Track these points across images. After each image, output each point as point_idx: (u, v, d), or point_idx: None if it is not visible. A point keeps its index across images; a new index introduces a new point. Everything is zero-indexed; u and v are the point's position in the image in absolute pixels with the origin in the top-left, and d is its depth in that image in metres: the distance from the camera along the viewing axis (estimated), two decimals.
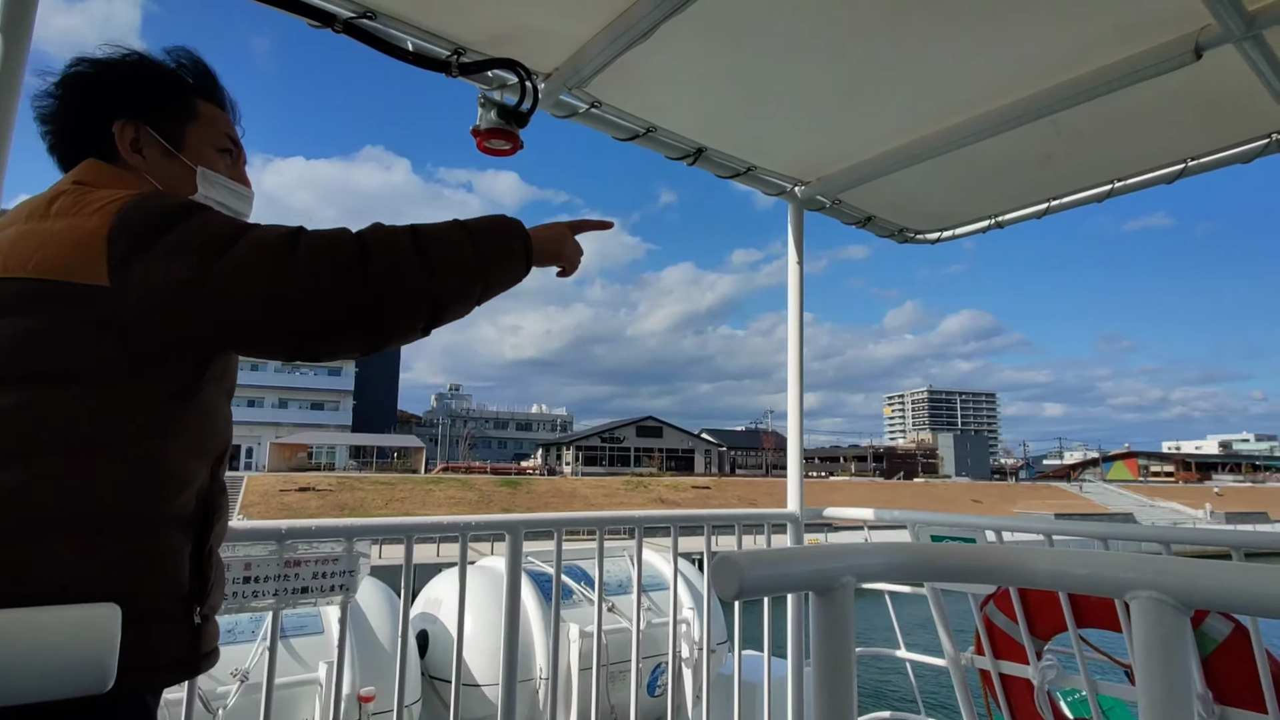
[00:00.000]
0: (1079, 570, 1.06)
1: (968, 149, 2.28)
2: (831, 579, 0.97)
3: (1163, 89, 1.94)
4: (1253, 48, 1.67)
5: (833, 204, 2.66)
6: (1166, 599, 0.91)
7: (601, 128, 2.11)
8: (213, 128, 1.19)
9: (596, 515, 1.97)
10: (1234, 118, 2.10)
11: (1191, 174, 2.34)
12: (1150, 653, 0.90)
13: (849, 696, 0.97)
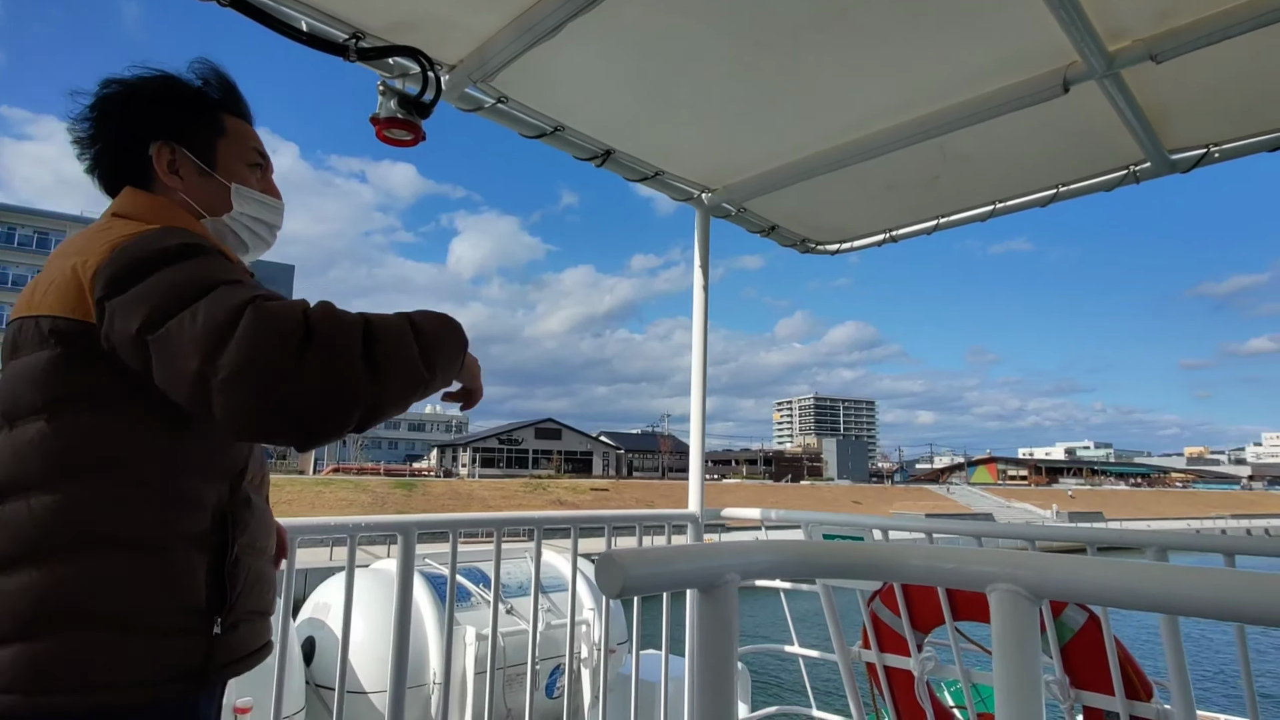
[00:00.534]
0: (946, 565, 1.12)
1: (864, 165, 2.38)
2: (715, 576, 0.98)
3: (1037, 119, 2.09)
4: (1112, 85, 1.83)
5: (738, 212, 2.72)
6: (1021, 590, 0.97)
7: (508, 124, 2.09)
8: (241, 143, 1.22)
9: (494, 516, 1.94)
10: (1098, 149, 2.28)
11: (1063, 199, 2.54)
12: (1005, 640, 0.96)
13: (730, 693, 0.99)
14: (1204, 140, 2.21)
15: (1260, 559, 1.73)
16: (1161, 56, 1.67)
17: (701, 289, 2.67)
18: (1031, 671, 0.95)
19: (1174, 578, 0.92)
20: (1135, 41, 1.69)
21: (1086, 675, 2.04)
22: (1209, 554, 1.80)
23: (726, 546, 1.06)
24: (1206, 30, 1.60)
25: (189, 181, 1.16)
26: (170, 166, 1.14)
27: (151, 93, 1.16)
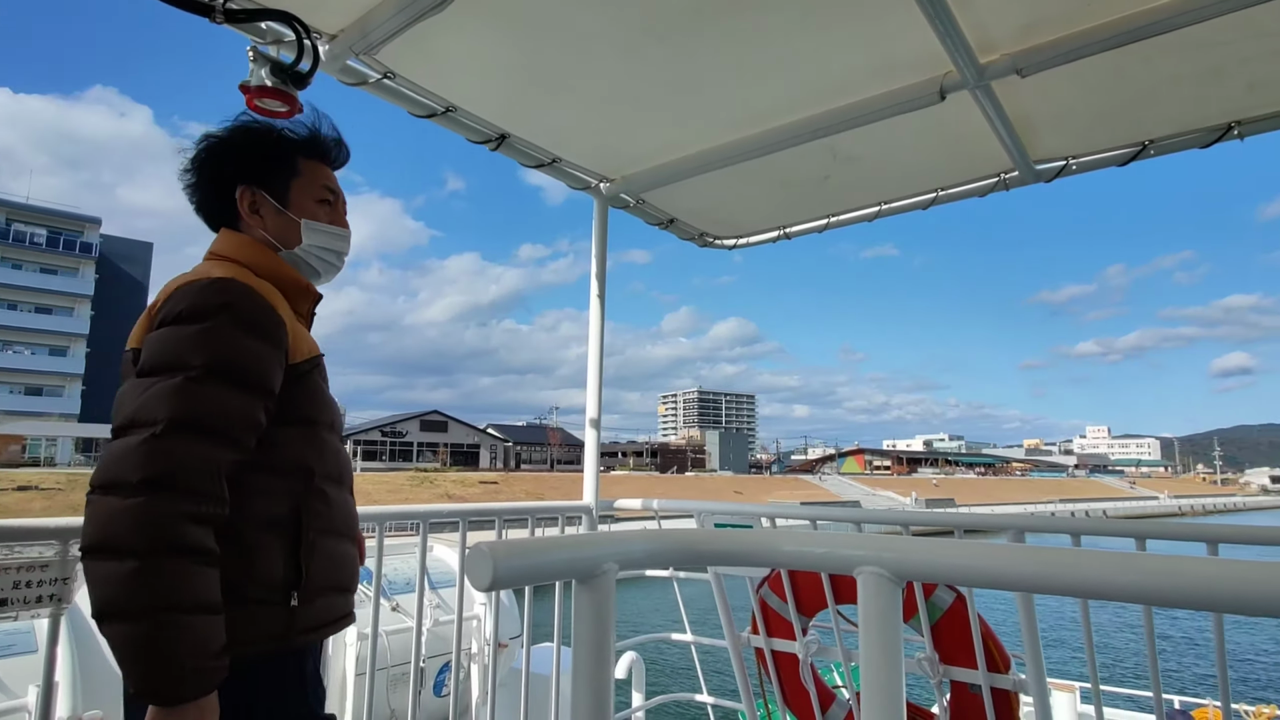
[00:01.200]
0: (818, 550, 1.15)
1: (759, 162, 2.43)
2: (593, 566, 0.97)
3: (918, 125, 2.19)
4: (983, 95, 1.94)
5: (637, 203, 2.72)
6: (884, 572, 1.01)
7: (396, 101, 2.00)
8: (313, 182, 1.41)
9: (377, 510, 1.86)
10: (973, 156, 2.42)
11: (942, 202, 2.68)
12: (870, 618, 1.00)
13: (607, 683, 0.98)
14: (1064, 152, 2.39)
15: (1102, 539, 1.89)
16: (1026, 70, 1.78)
17: (598, 280, 2.65)
18: (893, 647, 0.99)
19: (1025, 557, 0.98)
20: (1003, 55, 1.80)
21: (954, 651, 2.17)
22: (1059, 535, 1.95)
23: (603, 536, 1.05)
24: (1064, 48, 1.72)
25: (268, 219, 1.36)
26: (251, 207, 1.35)
27: (237, 143, 1.37)
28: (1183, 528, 1.76)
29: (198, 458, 1.08)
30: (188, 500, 1.06)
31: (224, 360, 1.14)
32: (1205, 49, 1.80)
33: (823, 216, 2.87)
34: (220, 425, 1.11)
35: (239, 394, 1.15)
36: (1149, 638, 1.85)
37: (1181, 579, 0.82)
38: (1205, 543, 1.71)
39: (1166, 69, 1.90)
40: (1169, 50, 1.81)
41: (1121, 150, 2.31)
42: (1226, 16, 1.60)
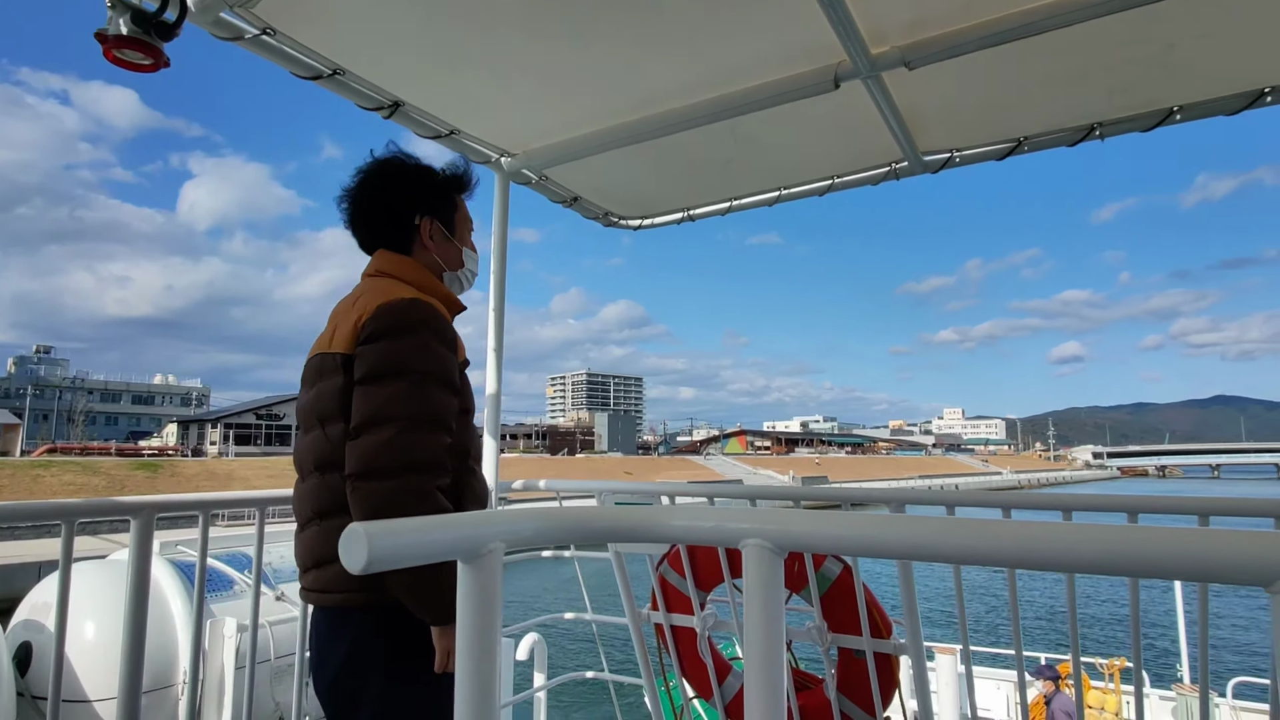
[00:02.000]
0: (706, 524, 1.17)
1: (663, 142, 2.44)
2: (478, 546, 0.95)
3: (815, 111, 2.25)
4: (874, 86, 2.01)
5: (540, 179, 2.68)
6: (767, 544, 1.04)
7: (277, 60, 1.87)
8: (466, 217, 1.74)
9: (254, 494, 1.76)
10: (866, 145, 2.51)
11: (838, 189, 2.77)
12: (753, 589, 1.03)
13: (492, 666, 0.97)
14: (949, 145, 2.51)
15: (974, 509, 2.02)
16: (913, 63, 1.86)
17: (498, 258, 2.60)
18: (774, 616, 1.02)
19: (899, 526, 1.03)
20: (893, 47, 1.86)
21: (840, 619, 2.28)
22: (936, 506, 2.07)
23: (489, 515, 1.03)
24: (947, 44, 1.80)
25: (438, 245, 1.67)
26: (428, 232, 1.65)
27: (416, 176, 1.66)
28: (1042, 498, 1.91)
29: (436, 444, 1.42)
30: (436, 476, 1.42)
31: (436, 367, 1.46)
32: (1070, 54, 1.93)
33: (725, 199, 2.91)
34: (443, 418, 1.45)
35: (447, 393, 1.48)
36: (1012, 599, 2.00)
37: (1043, 543, 0.88)
38: (1060, 511, 1.86)
39: (1038, 70, 2.03)
40: (1039, 53, 1.93)
41: (999, 145, 2.45)
42: (1088, 23, 1.72)
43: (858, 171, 2.68)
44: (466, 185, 1.76)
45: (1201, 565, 0.81)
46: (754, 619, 1.03)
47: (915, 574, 2.10)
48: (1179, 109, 2.20)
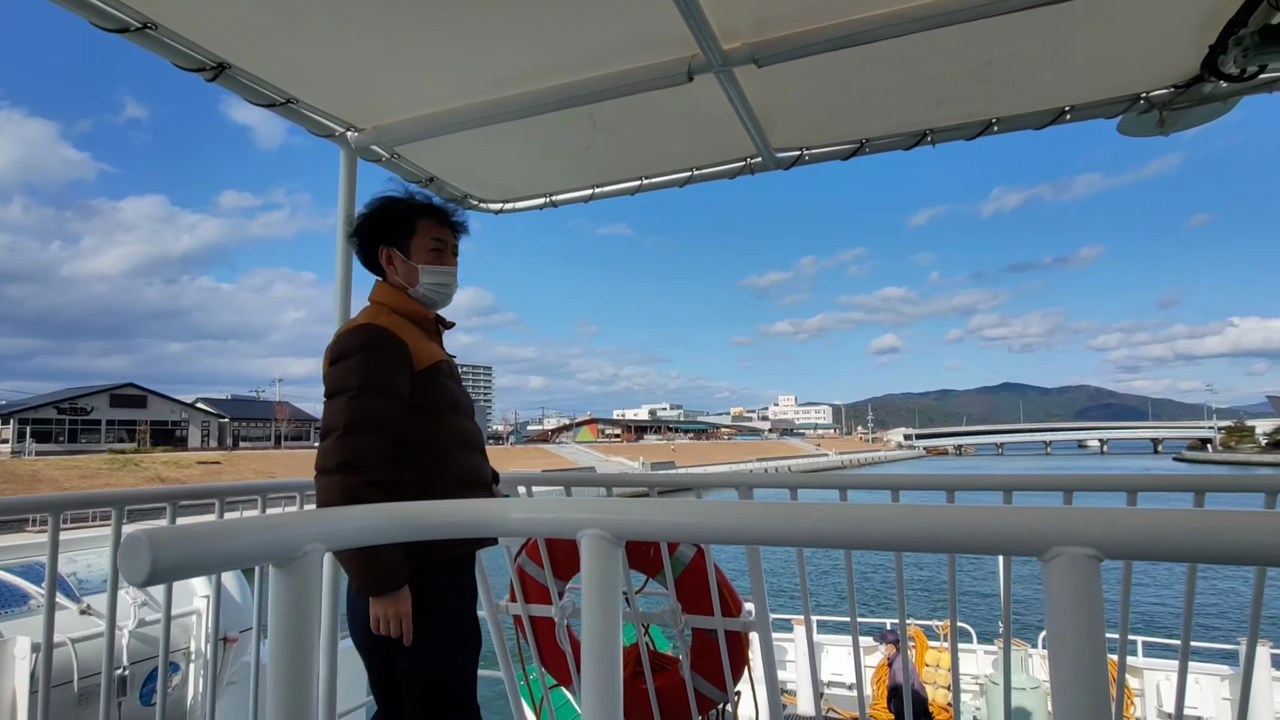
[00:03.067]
0: (544, 515, 1.15)
1: (523, 125, 2.38)
2: (291, 549, 0.88)
3: (673, 103, 2.27)
4: (727, 81, 2.05)
5: (391, 157, 2.54)
6: (604, 534, 1.04)
7: (79, 11, 1.65)
8: (425, 237, 1.97)
9: (50, 497, 1.55)
10: (722, 140, 2.57)
11: (697, 181, 2.82)
12: (592, 578, 1.02)
13: (307, 680, 0.90)
14: (799, 143, 2.62)
15: (816, 491, 2.14)
16: (762, 61, 1.91)
17: (345, 240, 2.44)
18: (611, 604, 1.02)
19: (725, 511, 1.05)
20: (743, 44, 1.91)
21: (694, 601, 2.35)
22: (780, 490, 2.17)
23: (305, 515, 0.96)
24: (793, 45, 1.87)
25: (399, 268, 1.95)
26: (388, 260, 1.96)
27: (379, 214, 1.97)
28: (873, 478, 2.05)
29: (367, 447, 1.69)
30: (365, 473, 1.68)
31: (372, 381, 1.74)
32: (904, 63, 2.06)
33: (588, 186, 2.89)
34: (375, 423, 1.72)
35: (385, 400, 1.75)
36: (848, 572, 2.14)
37: (843, 524, 0.93)
38: (890, 490, 2.00)
39: (877, 77, 2.15)
40: (877, 60, 2.04)
41: (845, 146, 2.59)
42: (918, 35, 1.84)
43: (715, 165, 2.74)
44: (431, 211, 2.00)
45: (984, 540, 0.88)
46: (592, 608, 1.03)
47: (780, 550, 2.20)
48: (997, 121, 2.42)
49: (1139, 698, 7.10)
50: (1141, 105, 2.31)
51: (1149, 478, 1.84)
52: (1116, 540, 0.77)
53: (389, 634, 1.69)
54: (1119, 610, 1.94)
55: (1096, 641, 0.76)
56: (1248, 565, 0.77)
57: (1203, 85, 2.17)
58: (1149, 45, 2.05)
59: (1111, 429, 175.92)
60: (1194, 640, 6.06)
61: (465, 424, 1.96)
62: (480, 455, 2.01)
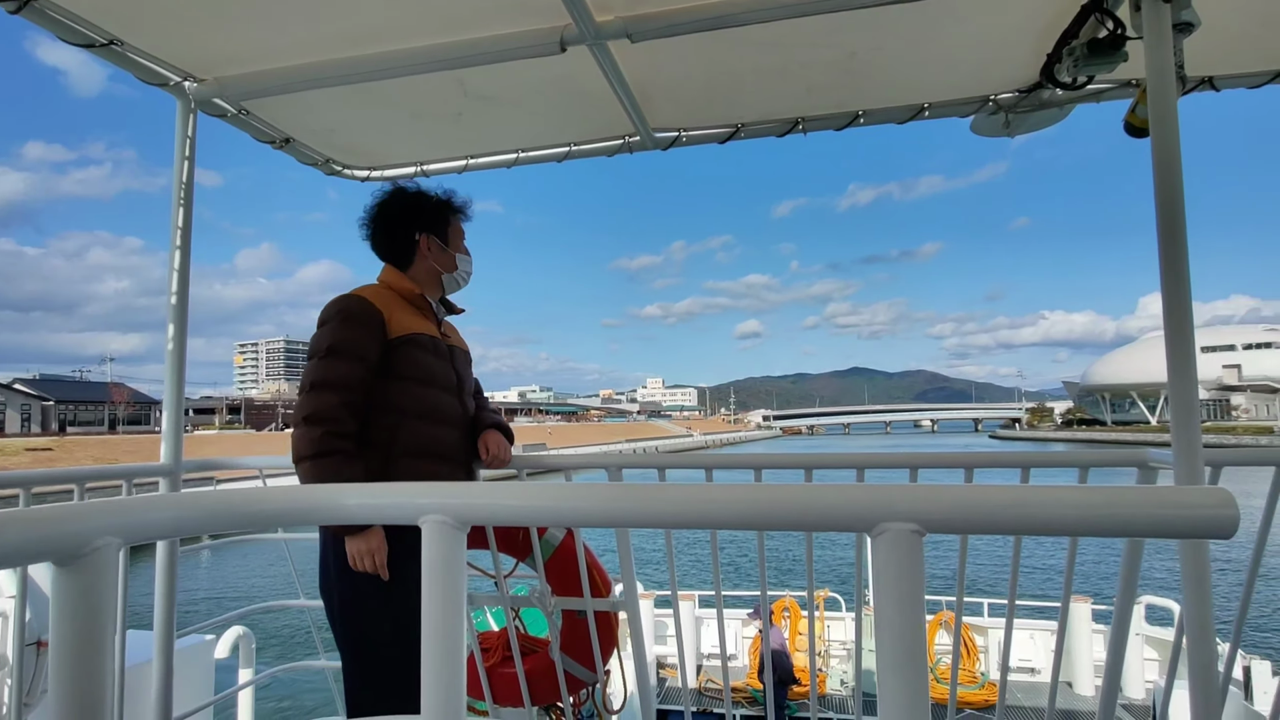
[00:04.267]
0: (384, 500, 1.09)
1: (390, 86, 2.24)
2: (78, 544, 0.78)
3: (548, 74, 2.20)
4: (602, 54, 2.00)
5: (240, 113, 2.32)
6: (448, 520, 0.99)
7: None
8: (457, 230, 2.27)
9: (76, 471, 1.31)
10: (600, 116, 2.52)
11: (575, 157, 2.76)
12: (433, 566, 0.97)
13: (100, 698, 0.80)
14: (677, 124, 2.62)
15: (684, 471, 2.16)
16: (635, 36, 1.88)
17: (184, 205, 2.21)
18: (455, 592, 0.97)
19: (572, 494, 1.03)
20: (616, 18, 1.87)
21: (564, 583, 2.33)
22: (648, 470, 2.18)
23: (97, 505, 0.85)
24: (664, 22, 1.84)
25: (434, 255, 2.19)
26: (427, 246, 2.18)
27: (420, 203, 2.21)
28: (737, 458, 2.09)
29: (325, 402, 1.84)
30: (327, 425, 1.83)
31: (339, 343, 1.91)
32: (776, 49, 2.09)
33: (461, 157, 2.77)
34: (335, 382, 1.88)
35: (349, 362, 1.90)
36: (713, 549, 2.18)
37: (684, 505, 0.92)
38: (753, 470, 2.05)
39: (749, 61, 2.17)
40: (751, 44, 2.06)
41: (721, 129, 2.61)
42: (788, 21, 1.86)
43: (594, 141, 2.69)
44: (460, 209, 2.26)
45: (818, 517, 0.89)
46: (432, 596, 0.98)
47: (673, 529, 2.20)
48: (863, 113, 2.51)
49: (983, 653, 7.80)
50: (990, 107, 2.46)
51: (984, 455, 1.99)
52: (937, 516, 0.80)
53: (365, 569, 1.84)
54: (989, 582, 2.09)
55: (917, 610, 0.80)
56: (1054, 536, 0.82)
57: (1042, 91, 2.34)
58: (996, 50, 2.18)
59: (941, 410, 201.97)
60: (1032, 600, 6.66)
61: (438, 397, 2.04)
62: (453, 429, 2.07)
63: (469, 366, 2.26)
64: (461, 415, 2.13)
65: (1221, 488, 0.68)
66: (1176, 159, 1.62)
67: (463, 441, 2.12)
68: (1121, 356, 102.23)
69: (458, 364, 2.18)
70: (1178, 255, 1.61)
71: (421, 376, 2.02)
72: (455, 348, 2.21)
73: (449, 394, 2.10)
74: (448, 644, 0.96)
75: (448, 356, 2.14)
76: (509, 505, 1.01)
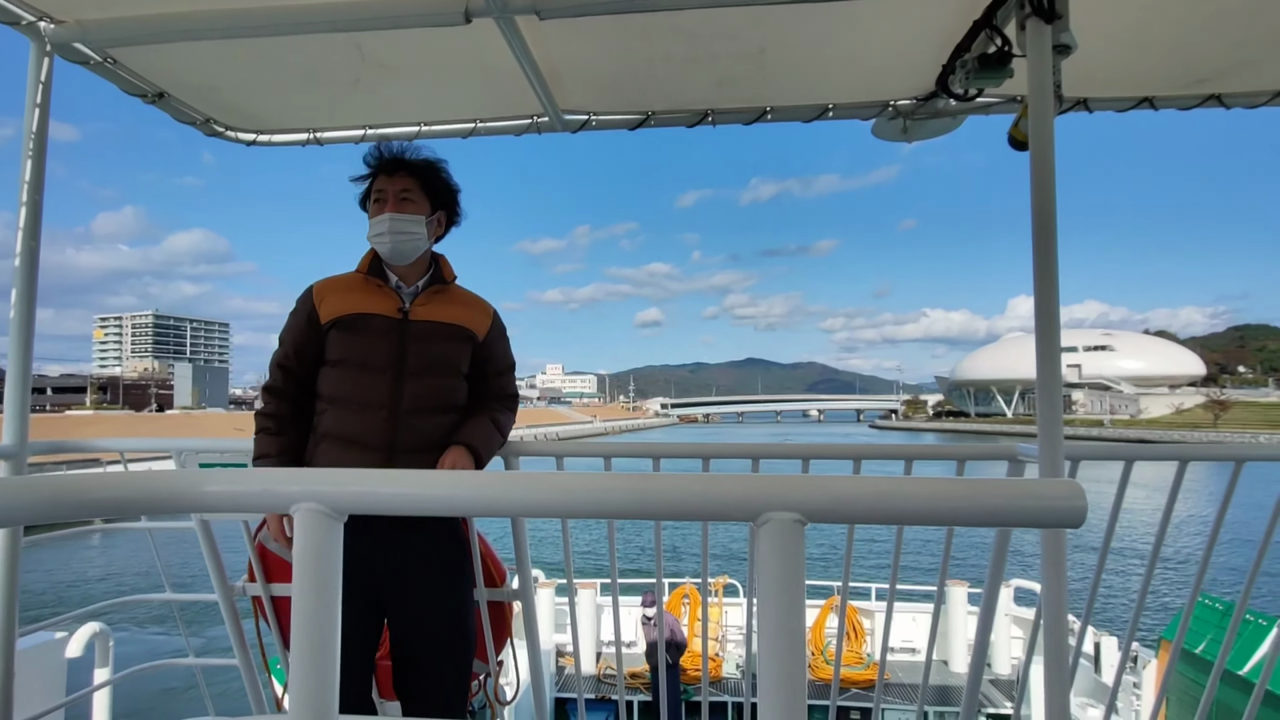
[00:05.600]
0: (250, 488, 1.01)
1: (279, 45, 2.10)
2: None
3: (453, 45, 2.12)
4: (510, 31, 1.94)
5: (105, 61, 2.11)
6: (323, 508, 0.92)
7: None
8: (370, 190, 2.07)
9: None
10: (509, 94, 2.45)
11: (481, 134, 2.68)
12: (306, 557, 0.91)
13: None
14: (587, 107, 2.58)
15: (582, 460, 2.14)
16: (544, 13, 1.83)
17: (34, 161, 1.98)
18: (330, 586, 0.92)
19: (460, 482, 0.99)
20: None
21: None
22: (547, 458, 2.15)
23: None
24: (573, 2, 1.80)
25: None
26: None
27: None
28: (636, 446, 2.10)
29: (265, 389, 2.04)
30: (261, 410, 2.02)
31: (281, 334, 2.05)
32: (688, 38, 2.09)
33: (359, 126, 2.63)
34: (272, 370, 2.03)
35: (280, 351, 2.03)
36: (610, 539, 2.18)
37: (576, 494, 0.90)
38: (651, 458, 2.06)
39: (661, 48, 2.16)
40: (662, 31, 2.05)
41: (631, 115, 2.59)
42: (700, 11, 1.86)
43: (501, 119, 2.62)
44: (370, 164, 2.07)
45: (704, 507, 0.89)
46: (304, 590, 0.92)
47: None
48: (770, 109, 2.55)
49: (870, 635, 8.23)
50: (890, 112, 2.55)
51: (872, 447, 2.07)
52: (818, 506, 0.81)
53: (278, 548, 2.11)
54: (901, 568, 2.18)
55: (798, 598, 0.81)
56: (926, 525, 0.86)
57: (937, 100, 2.45)
58: (897, 57, 2.26)
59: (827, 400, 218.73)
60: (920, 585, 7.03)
61: (355, 379, 1.95)
62: (375, 413, 1.93)
63: (447, 343, 2.02)
64: (390, 398, 1.93)
65: (1073, 480, 0.72)
66: (1051, 172, 1.73)
67: (392, 427, 1.93)
68: (985, 355, 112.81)
69: (412, 341, 1.97)
70: (1049, 262, 1.71)
71: (335, 358, 1.97)
72: (419, 322, 1.99)
73: (376, 375, 1.94)
74: (320, 643, 0.90)
75: (392, 333, 1.96)
76: (390, 493, 0.96)
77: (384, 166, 2.05)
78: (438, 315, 2.03)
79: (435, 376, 2.00)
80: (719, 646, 8.17)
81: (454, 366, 2.05)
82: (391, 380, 1.94)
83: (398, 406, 1.94)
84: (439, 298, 2.07)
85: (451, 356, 2.04)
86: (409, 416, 1.95)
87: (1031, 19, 1.72)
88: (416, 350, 1.97)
